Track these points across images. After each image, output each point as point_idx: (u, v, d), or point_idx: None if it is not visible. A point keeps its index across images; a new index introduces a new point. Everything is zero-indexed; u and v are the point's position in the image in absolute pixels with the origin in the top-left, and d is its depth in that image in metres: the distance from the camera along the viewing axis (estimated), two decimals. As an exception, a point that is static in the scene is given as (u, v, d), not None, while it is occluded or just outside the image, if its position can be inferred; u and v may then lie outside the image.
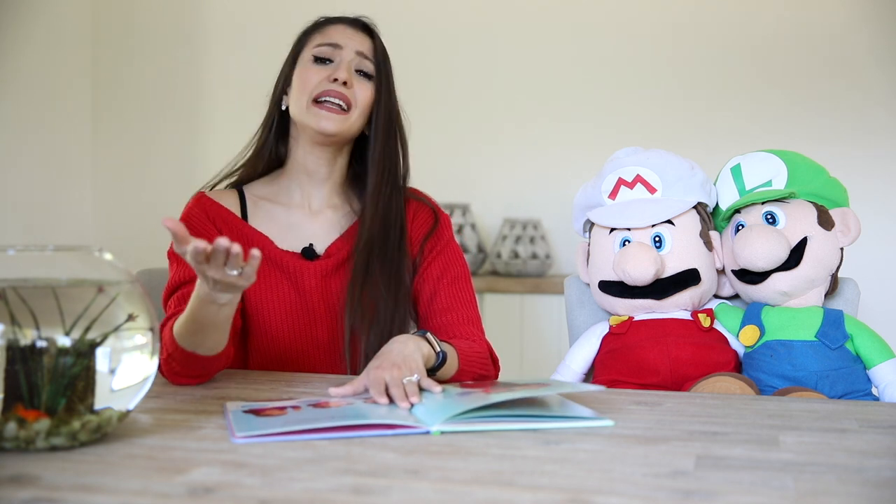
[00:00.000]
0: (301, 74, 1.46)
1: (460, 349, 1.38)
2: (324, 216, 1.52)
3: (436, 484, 0.82)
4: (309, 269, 1.47)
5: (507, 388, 1.14)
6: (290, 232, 1.50)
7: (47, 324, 0.90)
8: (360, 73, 1.46)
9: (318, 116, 1.42)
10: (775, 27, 3.09)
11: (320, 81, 1.43)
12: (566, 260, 3.26)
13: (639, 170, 1.56)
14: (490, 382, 1.27)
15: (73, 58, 3.49)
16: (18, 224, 3.20)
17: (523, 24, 3.28)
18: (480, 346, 1.45)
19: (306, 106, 1.43)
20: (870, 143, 3.01)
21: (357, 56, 1.45)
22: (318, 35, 1.49)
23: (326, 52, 1.45)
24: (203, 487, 0.80)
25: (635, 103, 3.19)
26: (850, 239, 1.51)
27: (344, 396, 1.17)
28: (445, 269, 1.51)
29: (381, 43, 1.50)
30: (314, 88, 1.43)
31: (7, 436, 0.90)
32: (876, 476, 0.87)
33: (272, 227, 1.50)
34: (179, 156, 3.52)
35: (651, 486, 0.82)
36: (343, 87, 1.43)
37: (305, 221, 1.51)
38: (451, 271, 1.52)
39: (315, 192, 1.52)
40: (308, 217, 1.52)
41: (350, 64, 1.45)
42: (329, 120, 1.42)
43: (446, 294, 1.49)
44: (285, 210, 1.52)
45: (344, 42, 1.46)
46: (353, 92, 1.44)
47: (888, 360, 1.45)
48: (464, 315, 1.49)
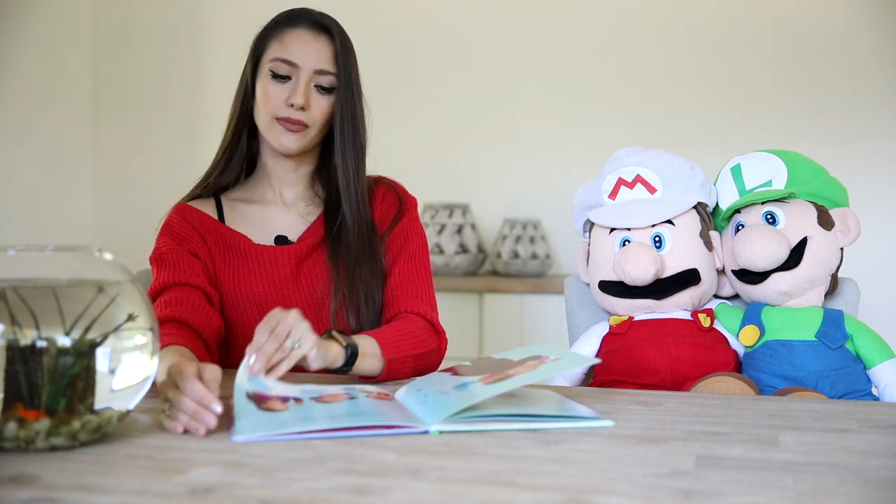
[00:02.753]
0: (262, 88, 1.49)
1: (382, 338, 1.35)
2: (296, 208, 1.57)
3: (436, 484, 0.82)
4: (282, 256, 1.51)
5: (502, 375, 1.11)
6: (264, 227, 1.55)
7: (47, 324, 0.90)
8: (319, 88, 1.48)
9: (279, 135, 1.48)
10: (775, 27, 3.09)
11: (279, 103, 1.47)
12: (566, 260, 3.26)
13: (639, 170, 1.56)
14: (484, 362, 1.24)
15: (73, 58, 3.49)
16: (18, 224, 3.20)
17: (523, 25, 3.28)
18: (414, 322, 1.44)
19: (268, 123, 1.48)
20: (870, 143, 3.01)
21: (314, 74, 1.47)
22: (277, 44, 1.49)
23: (284, 69, 1.47)
24: (203, 487, 0.80)
25: (635, 103, 3.19)
26: (850, 239, 1.51)
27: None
28: (403, 247, 1.55)
29: (341, 43, 1.49)
30: (274, 109, 1.47)
31: (7, 436, 0.90)
32: (876, 476, 0.87)
33: (248, 226, 1.55)
34: (179, 156, 3.52)
35: (651, 486, 0.82)
36: (300, 111, 1.46)
37: (279, 215, 1.56)
38: (408, 249, 1.55)
39: (286, 189, 1.57)
40: (282, 210, 1.57)
41: (307, 85, 1.47)
42: (289, 139, 1.48)
43: (400, 269, 1.53)
44: (260, 208, 1.57)
45: (301, 61, 1.46)
46: (311, 113, 1.47)
47: (888, 360, 1.45)
48: (413, 290, 1.51)
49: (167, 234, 1.52)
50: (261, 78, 1.50)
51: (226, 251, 1.52)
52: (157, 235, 1.54)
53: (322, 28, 1.50)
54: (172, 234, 1.52)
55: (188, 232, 1.52)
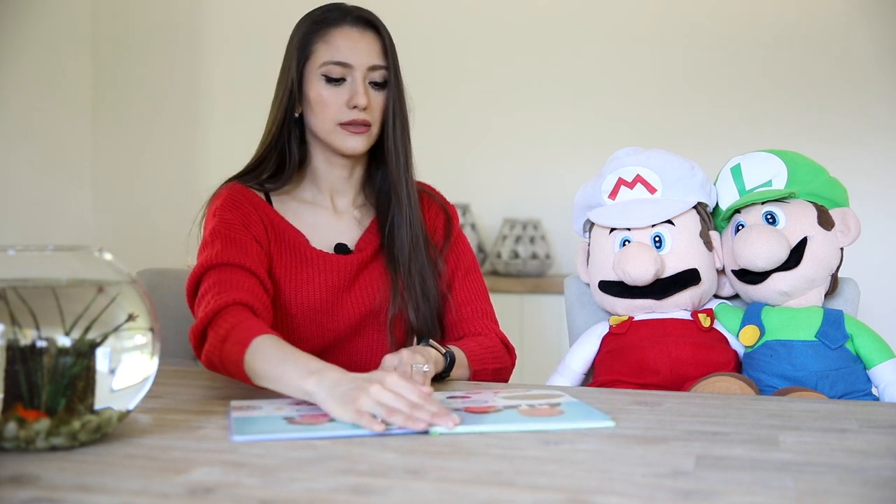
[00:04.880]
0: (316, 94, 1.43)
1: (469, 350, 1.41)
2: (349, 215, 1.53)
3: (436, 484, 0.82)
4: (342, 265, 1.46)
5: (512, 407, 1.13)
6: (317, 230, 1.49)
7: (47, 324, 0.90)
8: (373, 85, 1.45)
9: (345, 139, 1.43)
10: (776, 27, 3.09)
11: (339, 107, 1.42)
12: (566, 260, 3.26)
13: (639, 170, 1.56)
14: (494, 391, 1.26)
15: (73, 58, 3.49)
16: (18, 224, 3.20)
17: (524, 25, 3.28)
18: (490, 339, 1.48)
19: (331, 129, 1.43)
20: (870, 143, 3.01)
21: (368, 71, 1.43)
22: (324, 46, 1.43)
23: (337, 71, 1.42)
24: (203, 487, 0.80)
25: (635, 103, 3.19)
26: (850, 239, 1.51)
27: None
28: (458, 262, 1.55)
29: (387, 36, 1.47)
30: (336, 114, 1.42)
31: (7, 436, 0.90)
32: (876, 476, 0.86)
33: (302, 225, 1.49)
34: (179, 156, 3.52)
35: (651, 486, 0.82)
36: (363, 111, 1.43)
37: (331, 221, 1.51)
38: (463, 264, 1.55)
39: (339, 195, 1.52)
40: (333, 217, 1.51)
41: (364, 84, 1.43)
42: (356, 141, 1.43)
43: (460, 287, 1.53)
44: (311, 209, 1.51)
45: (354, 60, 1.42)
46: (372, 112, 1.44)
47: (888, 360, 1.45)
48: (478, 308, 1.52)
49: (230, 209, 1.41)
50: (312, 84, 1.44)
51: (283, 247, 1.45)
52: (211, 211, 1.43)
53: (367, 23, 1.46)
54: (236, 209, 1.41)
55: (251, 214, 1.43)
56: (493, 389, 1.28)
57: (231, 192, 1.44)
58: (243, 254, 1.35)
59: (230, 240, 1.36)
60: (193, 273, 1.35)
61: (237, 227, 1.39)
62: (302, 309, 1.44)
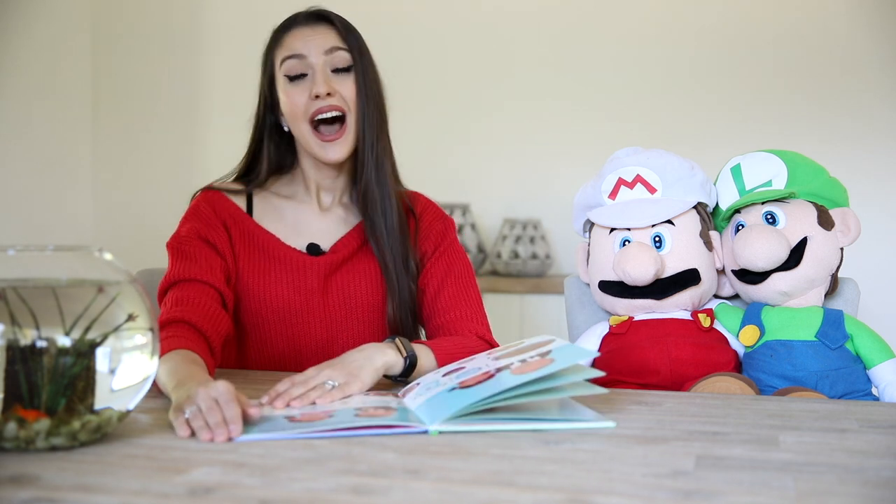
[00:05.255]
0: (284, 97, 1.45)
1: (439, 348, 1.36)
2: (334, 213, 1.53)
3: (436, 484, 0.82)
4: (313, 266, 1.47)
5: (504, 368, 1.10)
6: (296, 229, 1.50)
7: (47, 324, 0.90)
8: (336, 71, 1.43)
9: (324, 148, 1.43)
10: (776, 27, 3.09)
11: (306, 103, 1.42)
12: (566, 260, 3.26)
13: (639, 170, 1.56)
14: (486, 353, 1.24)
15: (73, 58, 3.48)
16: (18, 224, 3.20)
17: (524, 25, 3.28)
18: (467, 337, 1.43)
19: (309, 133, 1.43)
20: (870, 143, 3.01)
21: (325, 56, 1.42)
22: (280, 49, 1.45)
23: (295, 67, 1.43)
24: (203, 487, 0.80)
25: (635, 103, 3.19)
26: (850, 239, 1.51)
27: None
28: (449, 268, 1.52)
29: (341, 23, 1.46)
30: (304, 111, 1.42)
31: (7, 436, 0.90)
32: (876, 476, 0.87)
33: (279, 225, 1.50)
34: (179, 156, 3.52)
35: (651, 486, 0.82)
36: (328, 98, 1.42)
37: (314, 219, 1.52)
38: (454, 270, 1.53)
39: (325, 193, 1.53)
40: (317, 214, 1.52)
41: (323, 70, 1.42)
42: (333, 150, 1.44)
43: (450, 292, 1.50)
44: (295, 206, 1.52)
45: (306, 50, 1.42)
46: (339, 97, 1.43)
47: (888, 360, 1.45)
48: (465, 312, 1.49)
49: (191, 220, 1.46)
50: (281, 89, 1.45)
51: (252, 248, 1.47)
52: (182, 218, 1.48)
53: (318, 17, 1.46)
54: (197, 220, 1.45)
55: (212, 221, 1.46)
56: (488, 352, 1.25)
57: (197, 201, 1.49)
58: (197, 267, 1.40)
59: (185, 255, 1.41)
60: (159, 290, 1.41)
61: (192, 240, 1.43)
62: (270, 309, 1.45)
